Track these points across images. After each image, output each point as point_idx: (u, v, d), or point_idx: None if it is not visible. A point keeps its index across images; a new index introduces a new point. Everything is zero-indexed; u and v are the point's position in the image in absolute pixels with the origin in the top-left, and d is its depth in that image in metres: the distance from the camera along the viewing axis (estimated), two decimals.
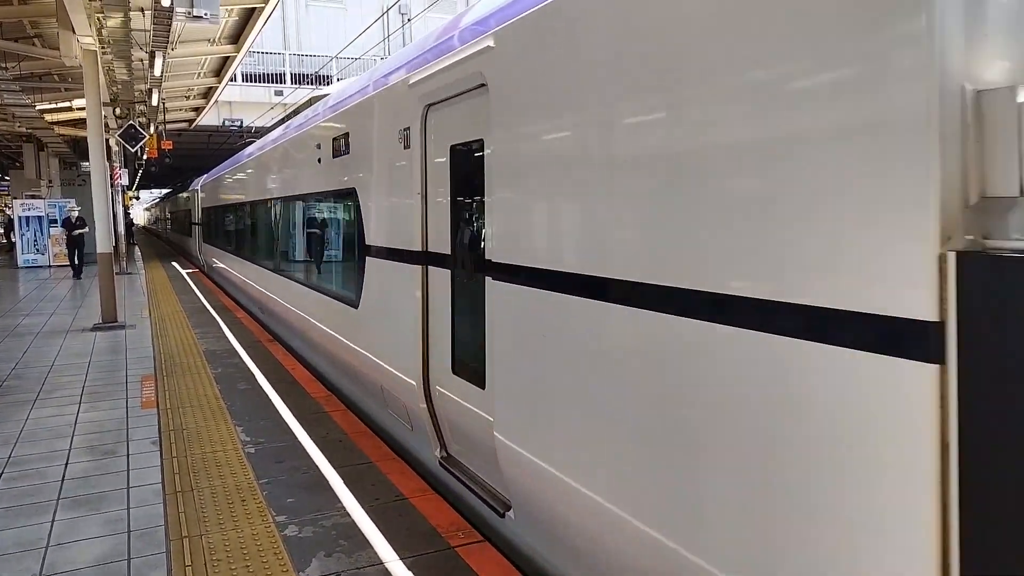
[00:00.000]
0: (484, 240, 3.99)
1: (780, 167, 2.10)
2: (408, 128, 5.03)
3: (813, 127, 2.00)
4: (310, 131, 8.20)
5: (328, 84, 26.90)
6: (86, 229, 20.27)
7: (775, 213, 2.12)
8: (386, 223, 5.64)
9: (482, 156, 3.98)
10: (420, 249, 4.90)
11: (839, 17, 1.92)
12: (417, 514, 4.40)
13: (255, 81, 28.94)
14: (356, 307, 6.35)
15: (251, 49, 17.96)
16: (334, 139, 7.03)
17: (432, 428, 4.89)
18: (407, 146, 5.05)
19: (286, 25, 32.14)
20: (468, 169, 4.29)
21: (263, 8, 13.90)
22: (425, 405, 4.89)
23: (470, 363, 4.32)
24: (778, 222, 2.11)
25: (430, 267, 4.83)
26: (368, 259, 6.05)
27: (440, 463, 4.81)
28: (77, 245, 21.04)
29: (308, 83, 27.06)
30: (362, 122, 6.28)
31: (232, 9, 14.17)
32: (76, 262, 20.88)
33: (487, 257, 3.89)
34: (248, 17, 15.13)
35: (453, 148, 4.47)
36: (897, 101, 1.76)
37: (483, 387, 4.05)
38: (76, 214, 21.46)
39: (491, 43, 3.76)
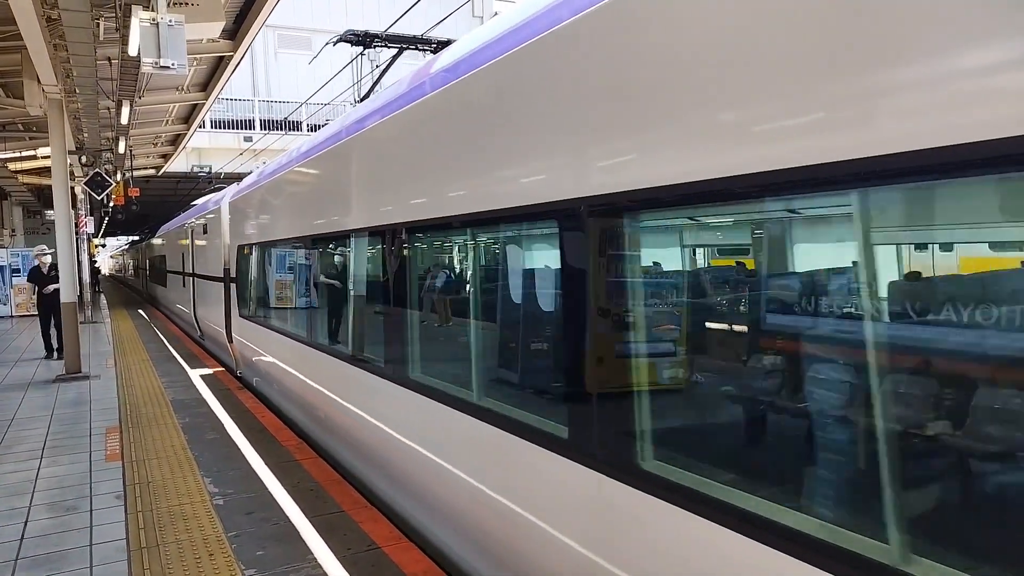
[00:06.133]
0: None
1: None
2: None
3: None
4: None
5: (298, 129, 27.03)
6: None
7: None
8: None
9: None
10: None
11: None
12: (391, 563, 4.32)
13: (224, 127, 28.94)
14: None
15: (220, 96, 18.00)
16: None
17: None
18: None
19: (255, 71, 32.33)
20: None
21: (232, 56, 13.98)
22: None
23: None
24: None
25: None
26: None
27: None
28: (52, 308, 12.65)
29: (278, 129, 27.11)
30: None
31: (200, 58, 14.24)
32: (52, 333, 13.17)
33: None
34: (217, 65, 15.21)
35: None
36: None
37: None
38: (49, 260, 13.40)
39: None
